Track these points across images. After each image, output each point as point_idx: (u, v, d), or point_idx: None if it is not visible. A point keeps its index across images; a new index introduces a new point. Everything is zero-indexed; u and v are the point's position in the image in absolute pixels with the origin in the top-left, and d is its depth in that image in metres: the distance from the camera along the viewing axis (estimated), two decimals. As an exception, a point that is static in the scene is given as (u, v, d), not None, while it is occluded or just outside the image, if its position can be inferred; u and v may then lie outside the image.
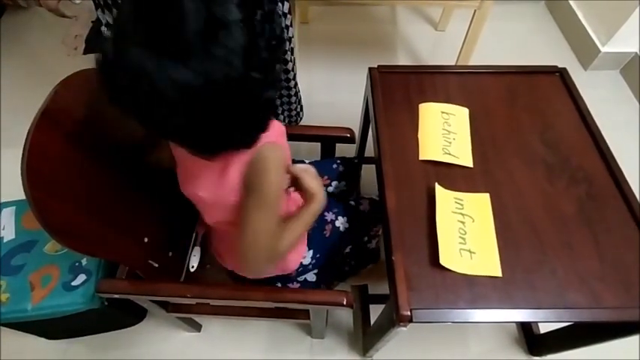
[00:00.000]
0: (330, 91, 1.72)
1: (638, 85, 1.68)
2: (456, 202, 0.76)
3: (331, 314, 1.19)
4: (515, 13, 2.03)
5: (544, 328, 1.09)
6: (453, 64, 1.59)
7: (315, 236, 0.87)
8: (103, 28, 0.94)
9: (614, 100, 1.69)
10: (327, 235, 0.89)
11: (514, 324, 1.18)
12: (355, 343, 1.15)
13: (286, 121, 1.25)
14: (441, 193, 0.76)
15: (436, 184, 0.77)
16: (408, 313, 0.64)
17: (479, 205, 0.76)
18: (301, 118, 1.39)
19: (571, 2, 1.87)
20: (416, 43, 1.93)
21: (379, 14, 2.06)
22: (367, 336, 1.08)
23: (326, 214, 0.90)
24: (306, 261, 0.87)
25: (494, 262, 0.70)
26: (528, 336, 1.13)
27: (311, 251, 0.87)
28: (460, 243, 0.71)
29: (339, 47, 1.90)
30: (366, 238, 0.91)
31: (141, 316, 1.18)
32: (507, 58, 1.75)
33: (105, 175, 0.72)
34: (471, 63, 1.58)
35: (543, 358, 1.11)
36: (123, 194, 0.77)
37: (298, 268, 0.86)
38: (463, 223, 0.73)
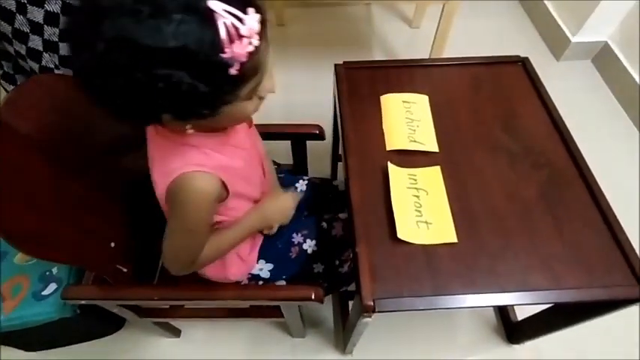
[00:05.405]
0: (308, 91, 1.72)
1: (609, 73, 1.71)
2: (409, 178, 0.78)
3: (312, 313, 1.19)
4: (490, 9, 2.06)
5: (521, 315, 1.10)
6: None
7: (280, 257, 0.85)
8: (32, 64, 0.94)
9: (587, 89, 1.71)
10: (292, 257, 0.85)
11: (493, 313, 1.18)
12: (337, 342, 1.15)
13: None
14: (394, 170, 0.78)
15: (388, 162, 0.79)
16: (371, 303, 0.64)
17: (431, 178, 0.78)
18: None
19: (541, -5, 1.90)
20: (391, 40, 1.95)
21: (355, 14, 2.07)
22: (345, 332, 1.08)
23: (294, 235, 0.86)
24: (264, 274, 0.84)
25: (450, 230, 0.72)
26: (506, 324, 1.14)
27: (269, 264, 0.84)
28: (417, 216, 0.73)
29: (316, 48, 1.91)
30: (337, 262, 0.87)
31: (118, 325, 1.17)
32: (481, 52, 1.76)
33: (67, 179, 0.72)
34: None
35: (523, 345, 1.12)
36: (86, 199, 0.77)
37: (249, 278, 0.84)
38: (418, 197, 0.75)
